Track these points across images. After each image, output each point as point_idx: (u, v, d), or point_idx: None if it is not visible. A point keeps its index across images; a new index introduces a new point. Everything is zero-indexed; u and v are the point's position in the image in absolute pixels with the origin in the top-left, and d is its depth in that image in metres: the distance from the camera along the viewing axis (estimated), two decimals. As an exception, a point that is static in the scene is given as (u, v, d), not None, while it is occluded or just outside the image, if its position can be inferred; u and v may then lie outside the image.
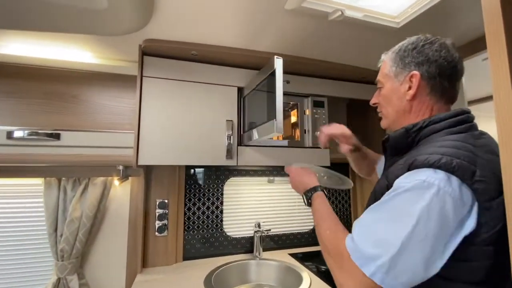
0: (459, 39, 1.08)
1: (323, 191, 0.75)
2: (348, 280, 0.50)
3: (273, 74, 0.87)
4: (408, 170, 0.50)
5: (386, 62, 0.67)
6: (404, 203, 0.47)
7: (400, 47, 0.64)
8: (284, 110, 1.46)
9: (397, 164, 0.55)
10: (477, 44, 1.06)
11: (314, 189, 0.75)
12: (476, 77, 1.38)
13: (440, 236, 0.44)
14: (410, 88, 0.61)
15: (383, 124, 0.71)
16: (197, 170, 1.47)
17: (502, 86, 0.47)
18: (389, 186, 0.53)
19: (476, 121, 0.60)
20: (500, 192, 0.44)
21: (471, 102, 1.69)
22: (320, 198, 0.72)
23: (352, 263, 0.49)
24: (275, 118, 0.83)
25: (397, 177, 0.52)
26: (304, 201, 0.77)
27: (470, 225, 0.45)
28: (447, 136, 0.54)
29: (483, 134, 0.57)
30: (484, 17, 0.50)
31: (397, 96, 0.63)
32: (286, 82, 1.22)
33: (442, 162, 0.46)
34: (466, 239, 0.45)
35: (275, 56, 0.86)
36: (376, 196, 0.57)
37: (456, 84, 0.61)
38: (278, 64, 0.86)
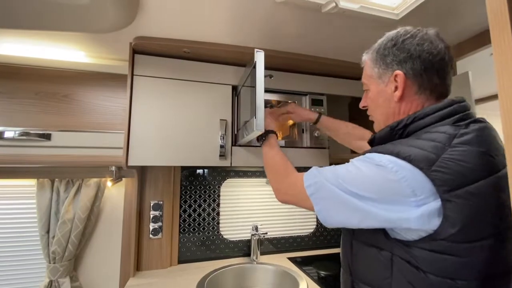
0: (465, 31, 1.02)
1: (276, 134, 0.95)
2: (289, 189, 0.68)
3: (254, 68, 0.82)
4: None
5: (368, 63, 0.64)
6: (352, 165, 0.54)
7: (380, 45, 0.60)
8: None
9: None
10: (484, 37, 1.00)
11: (271, 131, 0.93)
12: (484, 73, 1.30)
13: (354, 201, 0.49)
14: (396, 88, 0.57)
15: (375, 128, 0.67)
16: (193, 171, 1.44)
17: (507, 80, 0.43)
18: None
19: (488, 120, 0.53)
20: (462, 184, 0.43)
21: (478, 101, 1.61)
22: (273, 139, 0.91)
23: (298, 177, 0.64)
24: (255, 115, 0.78)
25: None
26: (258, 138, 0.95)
27: (415, 214, 0.44)
28: (431, 129, 0.51)
29: (475, 122, 0.50)
30: (487, 5, 0.45)
31: (383, 98, 0.60)
32: (269, 76, 1.18)
33: (400, 151, 0.48)
34: (435, 233, 0.44)
35: (256, 49, 0.81)
36: None
37: (447, 78, 0.56)
38: (259, 57, 0.81)
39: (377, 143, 0.60)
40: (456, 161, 0.44)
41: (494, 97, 1.46)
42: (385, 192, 0.47)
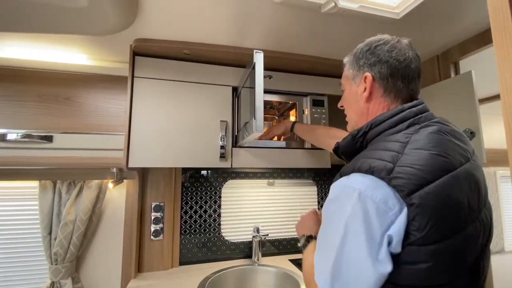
0: (468, 30, 1.01)
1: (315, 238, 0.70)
2: None
3: (253, 69, 0.82)
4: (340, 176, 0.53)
5: (346, 65, 0.68)
6: (331, 215, 0.50)
7: (357, 49, 0.65)
8: (284, 110, 1.43)
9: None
10: (488, 36, 0.98)
11: (311, 237, 0.71)
12: (488, 73, 1.28)
13: (370, 245, 0.43)
14: (365, 90, 0.61)
15: (348, 128, 0.71)
16: (194, 172, 1.43)
17: (509, 79, 0.42)
18: None
19: (487, 121, 0.55)
20: (421, 186, 0.44)
21: (482, 101, 1.58)
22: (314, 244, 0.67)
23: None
24: (254, 116, 0.78)
25: None
26: (300, 243, 0.74)
27: (396, 228, 0.43)
28: (386, 138, 0.53)
29: (427, 126, 0.52)
30: (488, 3, 0.45)
31: (355, 98, 0.64)
32: (268, 77, 1.17)
33: (362, 166, 0.48)
34: (405, 240, 0.44)
35: (255, 50, 0.81)
36: None
37: (412, 84, 0.59)
38: (258, 58, 0.81)
39: (342, 151, 0.63)
40: (410, 166, 0.45)
41: (498, 97, 1.44)
42: (374, 223, 0.44)
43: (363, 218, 0.44)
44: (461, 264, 0.46)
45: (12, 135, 1.09)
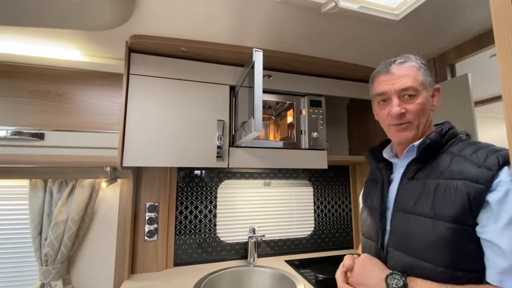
0: (464, 33, 1.01)
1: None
2: None
3: (253, 68, 0.81)
4: (500, 168, 0.53)
5: (421, 70, 0.67)
6: None
7: (421, 60, 0.69)
8: (282, 110, 1.43)
9: (466, 166, 0.56)
10: (484, 39, 0.99)
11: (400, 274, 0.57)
12: (483, 75, 1.30)
13: None
14: (434, 100, 0.68)
15: (411, 135, 0.65)
16: (189, 172, 1.42)
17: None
18: (486, 189, 0.52)
19: (481, 123, 0.63)
20: None
21: (478, 103, 1.60)
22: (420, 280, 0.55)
23: None
24: (253, 116, 0.77)
25: (493, 177, 0.52)
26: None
27: None
28: (467, 141, 0.63)
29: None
30: (491, 7, 0.45)
31: (428, 106, 0.67)
32: (267, 76, 1.17)
33: (502, 158, 0.53)
34: None
35: (254, 49, 0.80)
36: (471, 201, 0.53)
37: None
38: (258, 57, 0.80)
39: (431, 146, 0.62)
40: None
41: (493, 99, 1.46)
42: None
43: None
44: None
45: (1, 132, 1.05)
